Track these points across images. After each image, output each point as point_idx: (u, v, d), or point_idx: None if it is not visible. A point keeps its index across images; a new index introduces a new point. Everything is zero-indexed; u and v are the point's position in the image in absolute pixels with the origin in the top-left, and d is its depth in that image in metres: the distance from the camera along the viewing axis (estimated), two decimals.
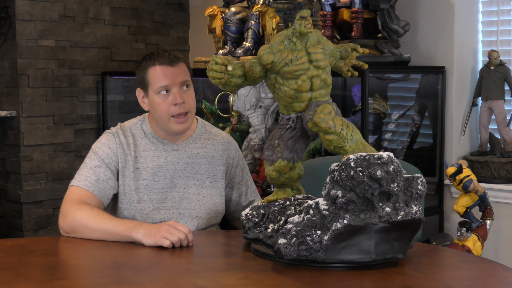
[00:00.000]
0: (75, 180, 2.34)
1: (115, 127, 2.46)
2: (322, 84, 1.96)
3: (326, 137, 1.86)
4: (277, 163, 2.00)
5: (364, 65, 2.09)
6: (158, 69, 2.34)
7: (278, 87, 1.96)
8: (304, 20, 1.92)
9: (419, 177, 1.79)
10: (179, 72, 2.35)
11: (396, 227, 1.77)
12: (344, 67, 2.07)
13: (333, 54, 2.04)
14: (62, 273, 1.93)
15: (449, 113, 3.52)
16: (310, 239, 1.80)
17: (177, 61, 2.36)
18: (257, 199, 2.56)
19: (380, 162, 1.75)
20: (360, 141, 1.86)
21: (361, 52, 2.05)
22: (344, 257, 1.81)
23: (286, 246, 1.81)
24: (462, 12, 3.51)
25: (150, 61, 2.37)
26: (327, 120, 1.86)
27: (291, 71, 1.93)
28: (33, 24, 4.09)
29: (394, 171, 1.76)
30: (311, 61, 1.94)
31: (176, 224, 2.10)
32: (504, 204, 3.37)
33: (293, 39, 1.94)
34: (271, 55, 1.94)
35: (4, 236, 4.14)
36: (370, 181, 1.74)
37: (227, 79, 1.96)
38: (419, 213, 1.76)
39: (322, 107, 1.88)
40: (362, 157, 1.76)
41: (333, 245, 1.79)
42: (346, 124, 1.86)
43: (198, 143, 2.44)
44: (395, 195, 1.75)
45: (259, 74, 1.98)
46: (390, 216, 1.74)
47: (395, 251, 1.82)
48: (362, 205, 1.76)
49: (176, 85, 2.34)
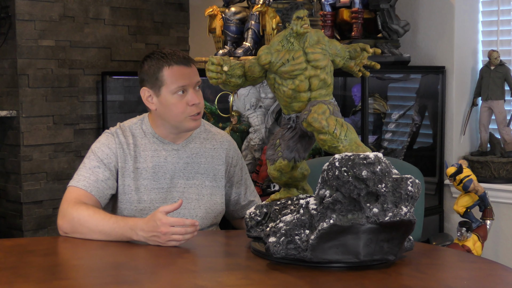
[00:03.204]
0: (74, 181, 2.34)
1: (114, 127, 2.45)
2: (322, 84, 1.96)
3: (320, 136, 1.87)
4: (278, 163, 2.00)
5: (376, 65, 2.08)
6: (176, 69, 2.33)
7: (277, 87, 1.98)
8: (301, 20, 1.93)
9: (409, 178, 1.76)
10: (195, 73, 2.37)
11: (384, 228, 1.76)
12: (355, 67, 2.06)
13: (341, 54, 2.03)
14: (62, 273, 1.93)
15: (449, 113, 3.52)
16: (298, 238, 1.81)
17: (191, 61, 2.38)
18: (256, 199, 2.56)
19: (366, 162, 1.74)
20: (355, 141, 1.86)
21: (370, 52, 2.04)
22: (331, 257, 1.80)
23: (275, 245, 1.83)
24: (462, 12, 3.51)
25: (163, 60, 2.33)
26: (320, 120, 1.86)
27: (288, 71, 1.94)
28: (33, 24, 4.09)
29: (382, 172, 1.74)
30: (308, 61, 1.94)
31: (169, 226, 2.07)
32: (504, 204, 3.37)
33: (290, 39, 1.95)
34: (268, 55, 1.96)
35: (4, 236, 4.14)
36: (356, 181, 1.73)
37: (225, 79, 1.98)
38: (409, 215, 1.73)
39: (316, 107, 1.88)
40: (347, 157, 1.75)
41: (319, 245, 1.79)
42: (340, 124, 1.86)
43: (198, 142, 2.45)
44: (383, 195, 1.73)
45: (259, 74, 2.00)
46: (378, 217, 1.73)
47: (385, 253, 1.81)
48: (349, 205, 1.76)
49: (192, 85, 2.35)
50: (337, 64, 2.03)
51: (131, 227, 2.12)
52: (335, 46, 2.02)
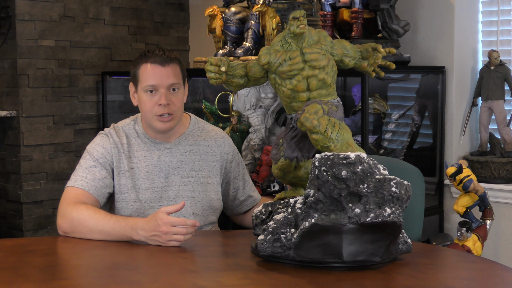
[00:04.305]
0: (71, 181, 2.34)
1: (108, 128, 2.47)
2: (321, 84, 1.96)
3: (312, 136, 1.88)
4: (280, 162, 2.02)
5: (391, 65, 2.08)
6: (149, 67, 2.35)
7: (277, 87, 2.00)
8: (297, 20, 1.94)
9: (393, 179, 1.75)
10: (168, 74, 2.35)
11: (367, 229, 1.75)
12: (369, 68, 2.05)
13: (350, 54, 2.02)
14: (62, 273, 1.94)
15: (449, 113, 3.52)
16: (284, 236, 1.83)
17: (170, 61, 2.36)
18: (255, 194, 2.56)
19: (346, 162, 1.73)
20: (346, 141, 1.86)
21: (382, 52, 2.03)
22: (313, 256, 1.81)
23: (262, 242, 1.85)
24: (462, 12, 3.51)
25: (144, 58, 2.38)
26: (312, 119, 1.87)
27: (285, 71, 1.96)
28: (33, 24, 4.09)
29: (363, 172, 1.73)
30: (306, 61, 1.95)
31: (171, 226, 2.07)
32: (504, 204, 3.37)
33: (288, 40, 1.97)
34: (267, 56, 1.98)
35: (4, 236, 4.14)
36: (335, 181, 1.73)
37: (225, 79, 2.00)
38: (393, 216, 1.72)
39: (309, 107, 1.90)
40: (327, 156, 1.75)
41: (302, 244, 1.79)
42: (332, 124, 1.86)
43: (191, 140, 2.44)
44: (365, 196, 1.73)
45: (259, 74, 2.01)
46: (360, 217, 1.72)
47: (369, 254, 1.80)
48: (331, 205, 1.76)
49: (163, 86, 2.35)
50: (347, 64, 2.03)
51: (132, 226, 2.12)
52: (344, 46, 2.02)
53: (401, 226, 1.77)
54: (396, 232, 1.79)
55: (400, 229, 1.79)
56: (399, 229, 1.78)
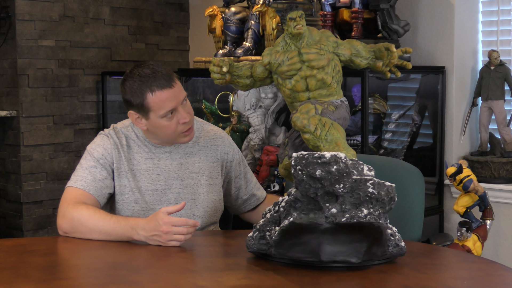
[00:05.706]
0: (71, 181, 2.33)
1: (108, 128, 2.46)
2: (320, 84, 1.97)
3: (304, 136, 1.90)
4: (284, 161, 2.04)
5: (408, 64, 2.07)
6: (160, 94, 2.24)
7: (279, 87, 2.05)
8: (293, 21, 1.95)
9: (369, 179, 1.75)
10: (178, 91, 2.28)
11: (344, 230, 1.75)
12: (384, 68, 2.04)
13: (361, 55, 2.01)
14: (62, 273, 1.93)
15: (449, 113, 3.52)
16: (268, 234, 1.85)
17: (172, 78, 2.27)
18: (259, 192, 2.54)
19: (320, 161, 1.73)
20: (336, 141, 1.86)
21: (394, 51, 2.03)
22: (292, 255, 1.82)
23: (249, 239, 1.88)
24: (462, 12, 3.51)
25: (145, 85, 2.24)
26: (302, 119, 1.88)
27: (283, 72, 1.98)
28: (33, 24, 4.09)
29: (339, 172, 1.72)
30: (304, 61, 1.95)
31: (171, 226, 2.08)
32: (504, 204, 3.37)
33: (287, 40, 1.99)
34: (268, 56, 2.01)
35: (4, 236, 4.15)
36: (310, 180, 1.73)
37: (230, 79, 2.05)
38: (370, 217, 1.72)
39: (302, 107, 1.92)
40: (302, 155, 1.75)
41: (281, 242, 1.81)
42: (322, 124, 1.87)
43: (190, 142, 2.43)
44: (342, 196, 1.73)
45: (263, 74, 2.05)
46: (336, 217, 1.73)
47: (347, 255, 1.79)
48: (309, 204, 1.76)
49: (179, 104, 2.28)
50: (358, 64, 2.02)
51: (132, 226, 2.12)
52: (353, 46, 2.01)
53: (380, 227, 1.76)
54: (376, 234, 1.78)
55: (379, 231, 1.77)
56: (378, 231, 1.77)
